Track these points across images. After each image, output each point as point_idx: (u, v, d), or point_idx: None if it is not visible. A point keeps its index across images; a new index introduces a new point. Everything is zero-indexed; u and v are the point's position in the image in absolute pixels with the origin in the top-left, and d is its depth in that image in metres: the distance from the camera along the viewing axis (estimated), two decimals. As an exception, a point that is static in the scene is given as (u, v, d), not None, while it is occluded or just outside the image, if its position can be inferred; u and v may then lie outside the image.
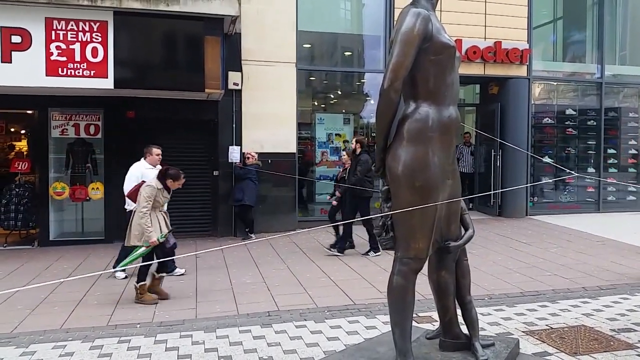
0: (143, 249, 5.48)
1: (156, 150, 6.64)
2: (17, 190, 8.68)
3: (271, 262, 7.32)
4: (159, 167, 6.42)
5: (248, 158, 8.99)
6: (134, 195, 5.77)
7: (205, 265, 7.09)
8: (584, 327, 4.66)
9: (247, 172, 8.86)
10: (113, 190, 8.85)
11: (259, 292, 5.86)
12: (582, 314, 5.05)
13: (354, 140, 8.28)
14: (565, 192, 12.08)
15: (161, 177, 5.64)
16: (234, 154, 9.19)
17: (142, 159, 6.67)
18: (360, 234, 7.99)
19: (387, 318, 3.51)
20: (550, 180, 11.72)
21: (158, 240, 5.42)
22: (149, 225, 5.40)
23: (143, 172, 6.41)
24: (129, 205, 6.30)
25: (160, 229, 5.54)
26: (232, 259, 7.45)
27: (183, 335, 4.56)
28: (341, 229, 7.83)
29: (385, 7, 10.41)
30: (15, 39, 7.03)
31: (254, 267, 7.05)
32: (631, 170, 12.57)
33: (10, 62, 7.03)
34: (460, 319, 3.50)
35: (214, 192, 9.40)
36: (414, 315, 3.53)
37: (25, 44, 7.08)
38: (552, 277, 6.40)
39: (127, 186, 6.31)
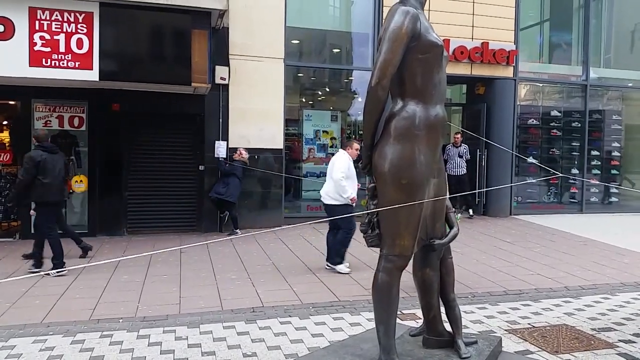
0: None
1: (356, 145, 6.71)
2: (-2, 182, 8.54)
3: (256, 258, 7.29)
4: None
5: (238, 154, 8.94)
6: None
7: (190, 261, 7.04)
8: (565, 326, 4.72)
9: (234, 169, 8.82)
10: (96, 183, 8.80)
11: (244, 288, 5.84)
12: (564, 313, 5.12)
13: None
14: (549, 193, 12.22)
15: None
16: (220, 149, 9.14)
17: (342, 149, 6.79)
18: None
19: (372, 315, 3.52)
20: (534, 181, 11.83)
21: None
22: None
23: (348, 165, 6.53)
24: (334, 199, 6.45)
25: None
26: (217, 255, 7.42)
27: (166, 331, 4.53)
28: None
29: (374, 5, 10.41)
30: (-2, 28, 6.91)
31: (239, 262, 7.02)
32: (614, 172, 12.75)
33: (-8, 52, 6.91)
34: (443, 316, 3.52)
35: (199, 187, 9.34)
36: (398, 312, 3.54)
37: (8, 33, 6.96)
38: (535, 276, 6.47)
39: (337, 178, 6.38)
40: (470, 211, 10.98)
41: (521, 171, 11.96)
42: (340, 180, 6.38)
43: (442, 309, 3.53)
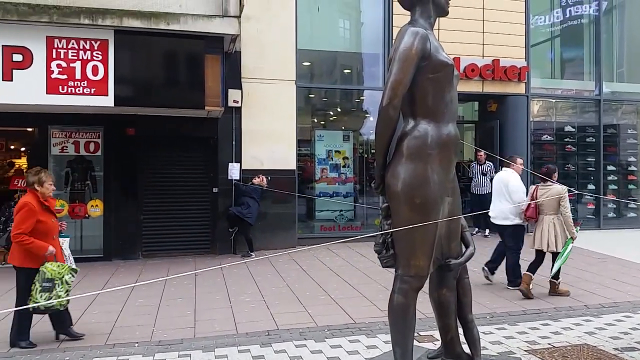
0: (570, 245, 6.08)
1: (520, 160, 6.95)
2: (16, 207, 8.64)
3: (271, 280, 7.26)
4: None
5: (260, 179, 9.04)
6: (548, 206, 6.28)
7: (204, 283, 7.03)
8: (586, 346, 4.61)
9: (252, 191, 8.90)
10: (112, 207, 8.88)
11: (259, 311, 5.81)
12: (585, 332, 5.00)
13: None
14: (566, 209, 12.03)
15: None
16: (233, 170, 9.20)
17: (506, 168, 6.91)
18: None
19: (388, 337, 3.47)
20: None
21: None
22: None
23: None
24: (507, 219, 6.60)
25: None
26: (231, 277, 7.40)
27: (181, 355, 4.51)
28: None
29: (383, 26, 10.50)
30: (17, 57, 7.07)
31: (253, 285, 7.00)
32: (631, 186, 12.56)
33: (11, 80, 7.05)
34: (462, 337, 3.46)
35: (213, 209, 9.38)
36: (415, 334, 3.49)
37: (27, 62, 7.12)
38: (554, 295, 6.35)
39: (519, 198, 6.54)
40: (487, 231, 10.85)
41: (536, 188, 11.82)
42: (524, 200, 6.51)
43: (460, 330, 3.48)
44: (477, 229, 11.00)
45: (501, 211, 6.61)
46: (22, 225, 4.57)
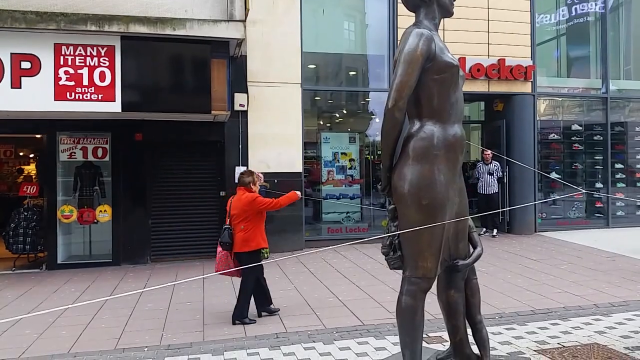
0: None
1: None
2: (25, 214, 8.72)
3: (278, 282, 7.27)
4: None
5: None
6: None
7: (212, 287, 7.06)
8: (596, 345, 4.59)
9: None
10: (121, 212, 8.93)
11: (267, 314, 5.82)
12: (595, 332, 4.98)
13: None
14: (574, 208, 11.99)
15: None
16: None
17: None
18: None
19: (397, 339, 3.48)
20: (557, 198, 11.64)
21: None
22: None
23: None
24: None
25: None
26: (239, 280, 7.40)
27: (191, 358, 4.53)
28: None
29: (388, 27, 10.51)
30: (25, 64, 7.14)
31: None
32: (639, 184, 12.48)
33: (20, 88, 7.13)
34: (470, 338, 3.46)
35: (221, 213, 9.39)
36: (424, 335, 3.49)
37: (35, 69, 7.19)
38: (562, 294, 6.32)
39: None
40: (495, 231, 10.83)
41: (544, 187, 11.79)
42: None
43: (469, 331, 3.48)
44: (484, 229, 10.98)
45: None
46: (265, 201, 5.66)
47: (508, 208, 10.77)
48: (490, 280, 6.93)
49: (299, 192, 5.88)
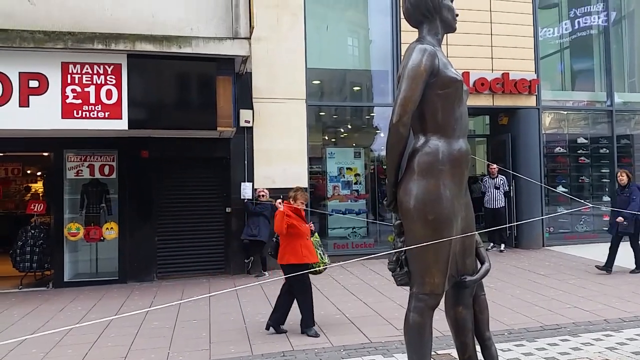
0: None
1: None
2: (32, 232, 8.75)
3: (285, 299, 7.22)
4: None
5: (263, 195, 9.04)
6: None
7: (219, 304, 7.03)
8: (608, 362, 4.52)
9: (264, 209, 8.90)
10: (127, 229, 8.94)
11: (273, 331, 5.78)
12: (606, 348, 4.91)
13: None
14: (582, 222, 11.90)
15: None
16: (246, 190, 9.25)
17: None
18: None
19: (405, 356, 3.43)
20: (565, 212, 11.56)
21: None
22: None
23: None
24: None
25: None
26: (245, 297, 7.39)
27: (197, 377, 4.49)
28: None
29: (392, 43, 10.58)
30: (33, 83, 7.21)
31: (267, 305, 6.96)
32: (647, 197, 12.37)
33: (28, 107, 7.18)
34: (480, 355, 3.41)
35: (227, 229, 9.40)
36: (432, 353, 3.45)
37: (42, 88, 7.26)
38: (572, 310, 6.25)
39: None
40: (502, 246, 10.75)
41: (551, 201, 11.72)
42: None
43: (478, 348, 3.43)
44: (492, 244, 10.90)
45: None
46: (275, 220, 5.76)
47: (515, 223, 10.70)
48: (498, 295, 6.87)
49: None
